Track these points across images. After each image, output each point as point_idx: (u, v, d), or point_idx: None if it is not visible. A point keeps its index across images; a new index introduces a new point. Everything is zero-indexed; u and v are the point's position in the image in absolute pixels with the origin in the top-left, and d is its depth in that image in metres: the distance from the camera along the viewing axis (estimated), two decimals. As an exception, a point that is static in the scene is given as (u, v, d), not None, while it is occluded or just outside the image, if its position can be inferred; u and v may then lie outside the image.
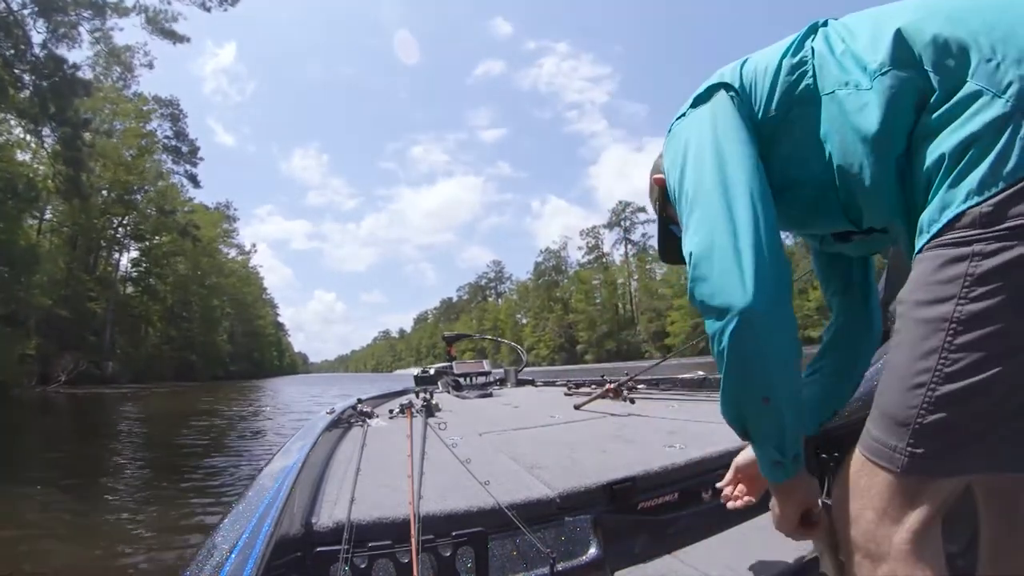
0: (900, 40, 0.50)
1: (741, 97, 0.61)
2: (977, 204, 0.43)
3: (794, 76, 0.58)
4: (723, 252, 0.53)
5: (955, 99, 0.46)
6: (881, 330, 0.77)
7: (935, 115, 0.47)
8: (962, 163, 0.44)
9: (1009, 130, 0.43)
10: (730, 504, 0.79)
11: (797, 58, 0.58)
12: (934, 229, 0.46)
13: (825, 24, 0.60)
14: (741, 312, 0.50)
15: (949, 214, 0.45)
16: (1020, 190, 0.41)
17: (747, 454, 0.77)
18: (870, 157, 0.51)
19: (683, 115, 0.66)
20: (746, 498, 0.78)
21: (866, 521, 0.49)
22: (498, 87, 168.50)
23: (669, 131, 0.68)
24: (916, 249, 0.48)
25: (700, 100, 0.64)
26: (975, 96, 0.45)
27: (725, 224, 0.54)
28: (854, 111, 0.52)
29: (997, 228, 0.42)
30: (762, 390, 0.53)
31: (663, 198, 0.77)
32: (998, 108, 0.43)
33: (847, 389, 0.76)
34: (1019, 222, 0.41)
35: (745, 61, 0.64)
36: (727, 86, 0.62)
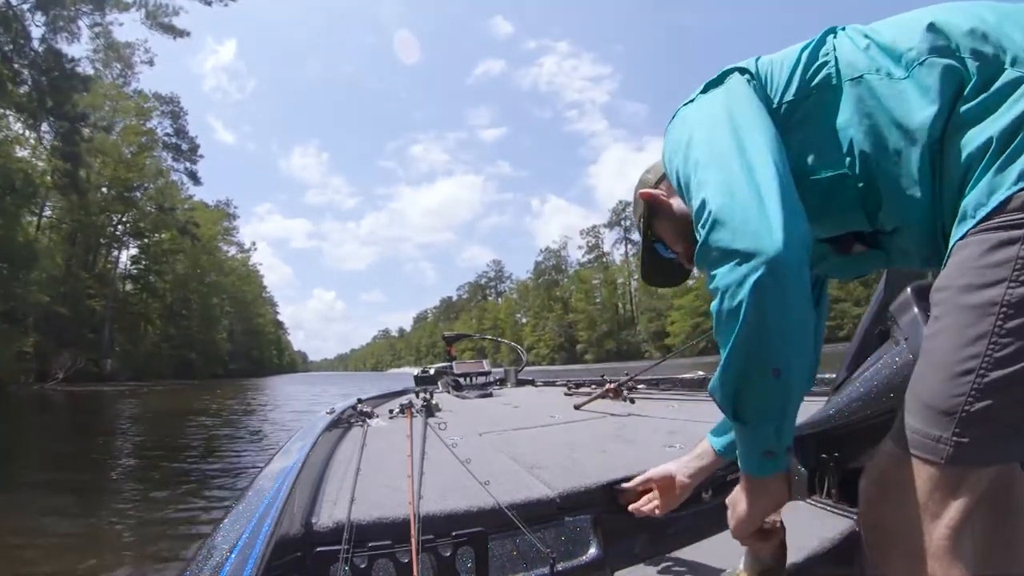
0: (936, 31, 0.50)
1: (758, 82, 0.59)
2: None
3: (815, 64, 0.57)
4: (745, 198, 0.48)
5: (996, 86, 0.46)
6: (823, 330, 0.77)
7: (974, 103, 0.47)
8: (1011, 147, 0.44)
9: None
10: (638, 511, 0.81)
11: (818, 50, 0.57)
12: (981, 213, 0.45)
13: (843, 28, 0.60)
14: (770, 258, 0.44)
15: (998, 198, 0.44)
16: None
17: (663, 469, 0.81)
18: (905, 144, 0.50)
19: (691, 100, 0.63)
20: (653, 505, 0.81)
21: (906, 518, 0.48)
22: (498, 86, 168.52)
23: (673, 117, 0.64)
24: (957, 236, 0.47)
25: (712, 84, 0.62)
26: (1018, 82, 0.45)
27: (745, 178, 0.49)
28: (889, 97, 0.51)
29: None
30: (776, 359, 0.47)
31: (649, 214, 0.76)
32: None
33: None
34: None
35: (761, 57, 0.63)
36: (742, 70, 0.61)
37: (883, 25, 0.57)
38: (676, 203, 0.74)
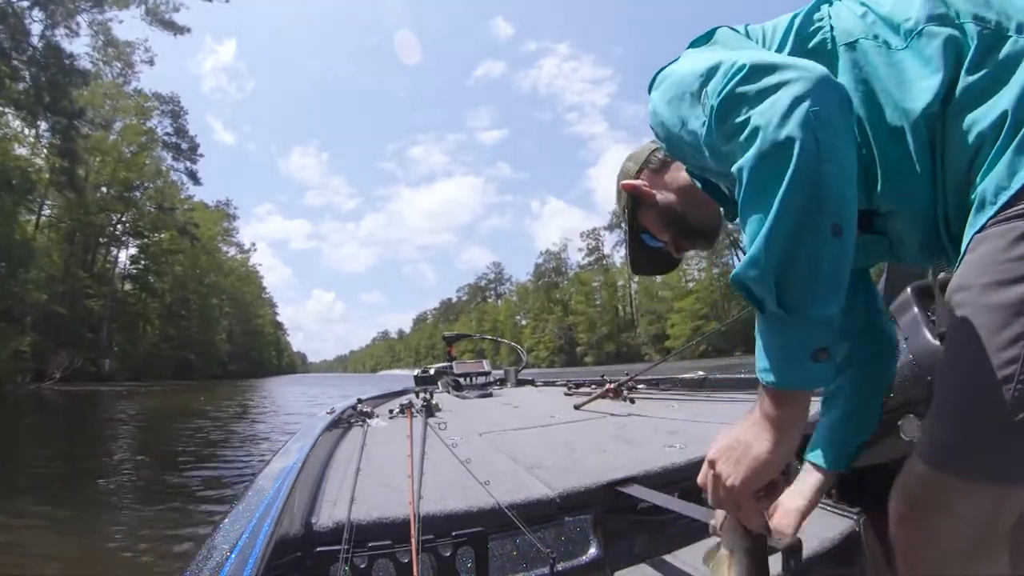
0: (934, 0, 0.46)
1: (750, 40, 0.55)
2: None
3: (810, 28, 0.51)
4: (771, 58, 0.42)
5: (1003, 55, 0.42)
6: (894, 339, 0.70)
7: (979, 75, 0.43)
8: None
9: None
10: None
11: (812, 14, 0.52)
12: (1003, 199, 0.40)
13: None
14: (823, 77, 0.38)
15: (1022, 178, 0.39)
16: None
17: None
18: (902, 120, 0.45)
19: (676, 60, 0.55)
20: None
21: (947, 545, 0.43)
22: (498, 88, 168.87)
23: (654, 79, 0.55)
24: (976, 227, 0.42)
25: (698, 42, 0.55)
26: None
27: (763, 56, 0.43)
28: (885, 67, 0.47)
29: None
30: (838, 211, 0.37)
31: (632, 205, 0.74)
32: None
33: (873, 413, 0.66)
34: None
35: (748, 24, 0.58)
36: (732, 29, 0.56)
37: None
38: (660, 194, 0.72)
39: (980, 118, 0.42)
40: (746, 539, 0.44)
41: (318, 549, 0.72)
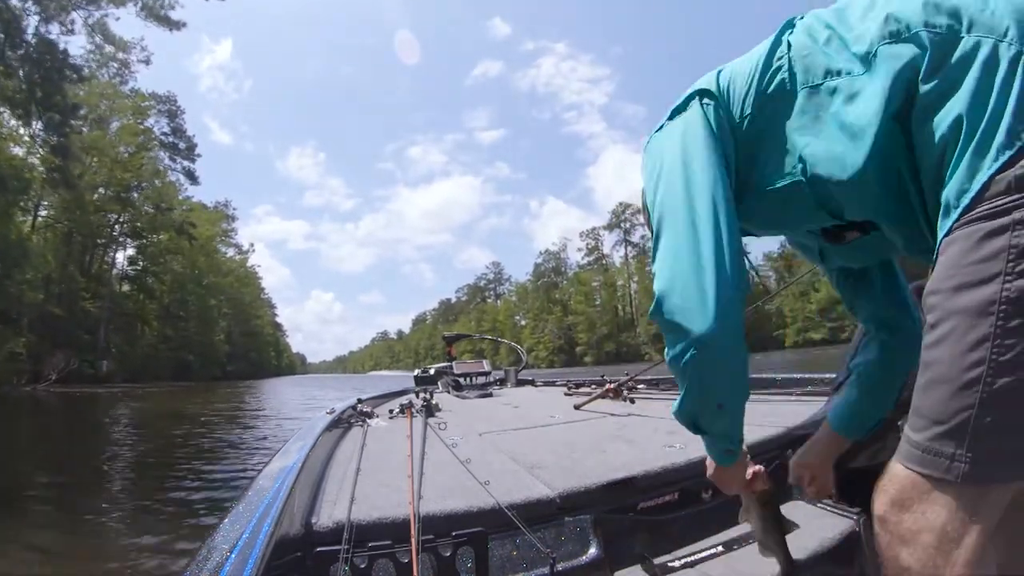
0: (890, 16, 0.48)
1: (719, 102, 0.61)
2: (1009, 163, 0.38)
3: (769, 72, 0.57)
4: (686, 273, 0.55)
5: (955, 58, 0.43)
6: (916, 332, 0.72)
7: (934, 82, 0.44)
8: (984, 121, 0.40)
9: (1022, 72, 0.39)
10: (818, 499, 0.84)
11: (772, 55, 0.58)
12: (964, 201, 0.41)
13: (802, 17, 0.58)
14: (704, 339, 0.53)
15: (981, 179, 0.40)
16: None
17: (805, 450, 0.82)
18: (853, 144, 0.49)
19: (660, 128, 0.67)
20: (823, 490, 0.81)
21: (923, 546, 0.43)
22: (496, 87, 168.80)
23: (647, 144, 0.68)
24: (943, 232, 0.43)
25: (677, 111, 0.65)
26: (976, 48, 0.42)
27: (689, 248, 0.56)
28: (840, 101, 0.50)
29: None
30: (718, 399, 0.59)
31: None
32: (1006, 52, 0.40)
33: (890, 393, 0.75)
34: None
35: (724, 68, 0.64)
36: (703, 93, 0.62)
37: (855, 3, 0.54)
38: None
39: (940, 123, 0.43)
40: (752, 498, 0.71)
41: (318, 549, 0.72)
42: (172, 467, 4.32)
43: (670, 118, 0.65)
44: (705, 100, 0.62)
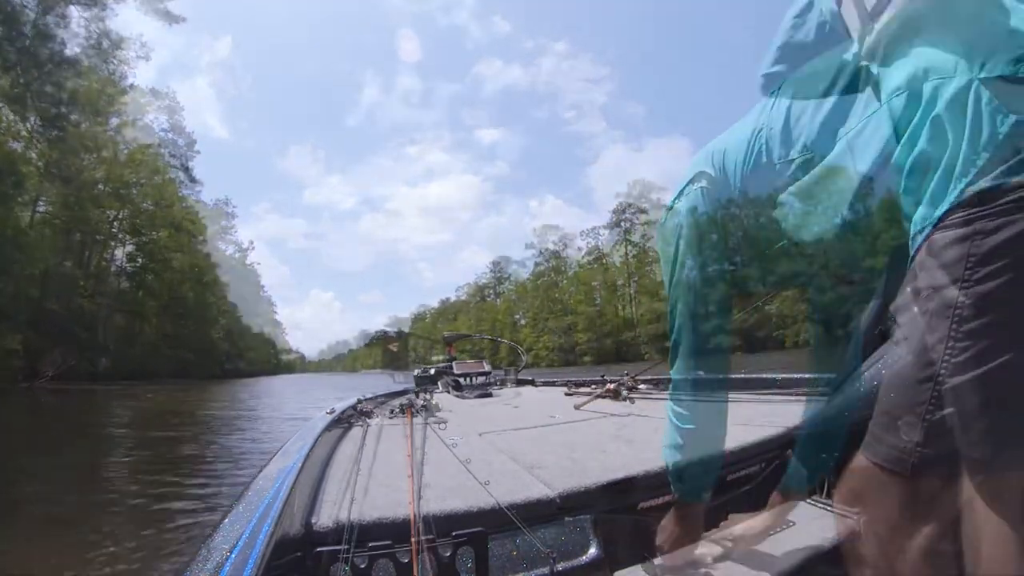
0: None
1: (715, 180, 0.74)
2: (970, 184, 0.41)
3: (748, 150, 0.70)
4: (675, 346, 0.80)
5: (919, 105, 0.46)
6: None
7: (899, 133, 0.48)
8: (947, 153, 0.43)
9: (972, 100, 0.41)
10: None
11: (753, 133, 0.69)
12: (931, 220, 0.44)
13: (776, 92, 0.69)
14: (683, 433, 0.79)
15: (943, 205, 0.43)
16: (1013, 159, 0.39)
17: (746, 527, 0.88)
18: (820, 217, 0.61)
19: (671, 207, 0.80)
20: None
21: (878, 534, 0.46)
22: (496, 86, 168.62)
23: (662, 223, 0.82)
24: (912, 252, 0.47)
25: (681, 195, 0.79)
26: (936, 89, 0.44)
27: (678, 329, 0.79)
28: (789, 181, 0.62)
29: (997, 203, 0.39)
30: (692, 473, 0.79)
31: None
32: (954, 85, 0.43)
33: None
34: (1021, 193, 0.38)
35: (716, 148, 0.76)
36: (702, 176, 0.75)
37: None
38: None
39: (909, 171, 0.48)
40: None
41: (318, 549, 0.72)
42: (172, 467, 4.32)
43: (677, 197, 0.80)
44: (702, 184, 0.75)
